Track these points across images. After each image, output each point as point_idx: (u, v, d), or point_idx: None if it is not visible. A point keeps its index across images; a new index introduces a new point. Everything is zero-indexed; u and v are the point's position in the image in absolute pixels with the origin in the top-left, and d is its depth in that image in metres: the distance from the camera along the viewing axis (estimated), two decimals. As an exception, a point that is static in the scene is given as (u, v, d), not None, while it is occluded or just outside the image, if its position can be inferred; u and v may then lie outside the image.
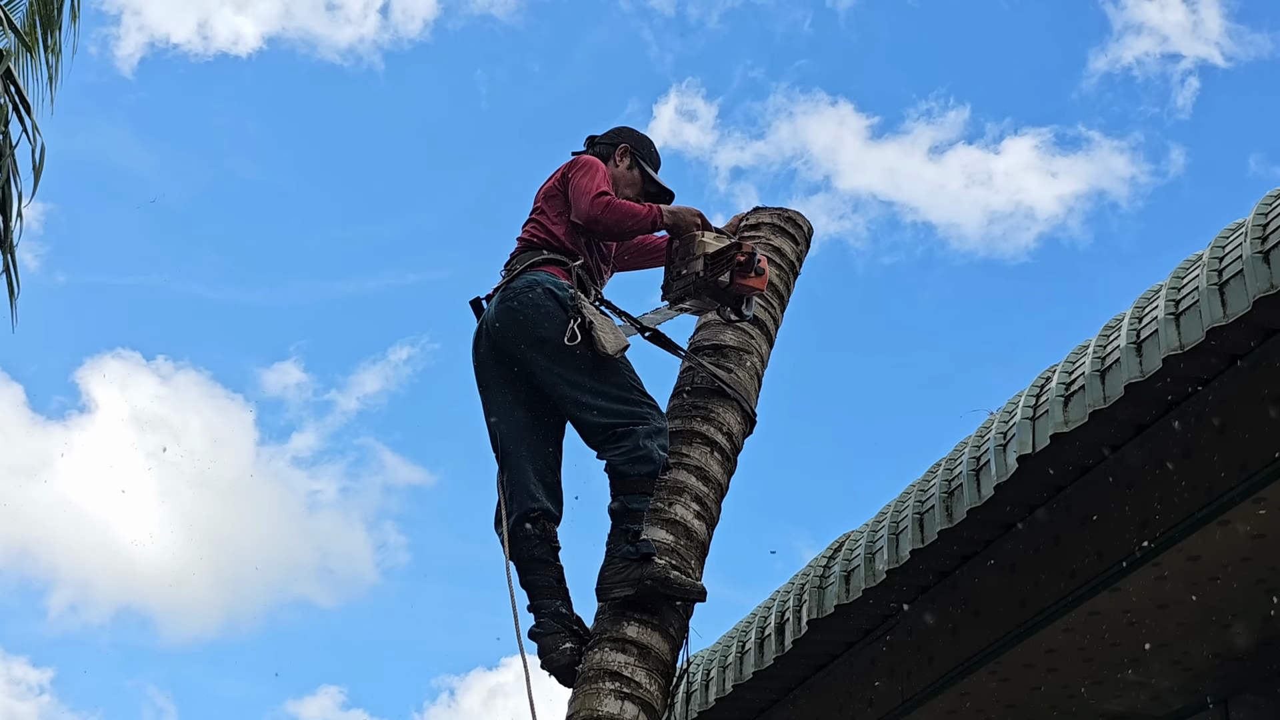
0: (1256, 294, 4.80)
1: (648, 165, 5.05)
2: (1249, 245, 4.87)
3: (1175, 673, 6.98)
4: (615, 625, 4.48)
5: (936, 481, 6.38)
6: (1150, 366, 5.23)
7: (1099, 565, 6.24)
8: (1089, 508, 6.35)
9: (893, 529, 6.59)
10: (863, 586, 6.72)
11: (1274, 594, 6.22)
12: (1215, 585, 6.20)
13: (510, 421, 4.66)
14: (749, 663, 7.65)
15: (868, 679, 7.77)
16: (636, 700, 4.34)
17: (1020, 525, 6.68)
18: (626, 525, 4.48)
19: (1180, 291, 5.20)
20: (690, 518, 4.78)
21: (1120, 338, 5.36)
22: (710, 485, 4.89)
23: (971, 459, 6.15)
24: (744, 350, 5.10)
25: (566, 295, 4.55)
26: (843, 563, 6.95)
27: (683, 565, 4.61)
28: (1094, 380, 5.46)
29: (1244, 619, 6.46)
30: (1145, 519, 6.03)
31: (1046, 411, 5.67)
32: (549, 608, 4.60)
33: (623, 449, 4.48)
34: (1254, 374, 5.57)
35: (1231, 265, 4.97)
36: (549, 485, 4.69)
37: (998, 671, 6.99)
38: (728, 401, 4.94)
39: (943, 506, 6.26)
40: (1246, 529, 5.76)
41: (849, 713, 7.90)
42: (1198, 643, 6.69)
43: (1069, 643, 6.71)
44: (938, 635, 7.23)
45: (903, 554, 6.49)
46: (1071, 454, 6.10)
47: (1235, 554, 5.94)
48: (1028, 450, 5.74)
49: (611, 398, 4.51)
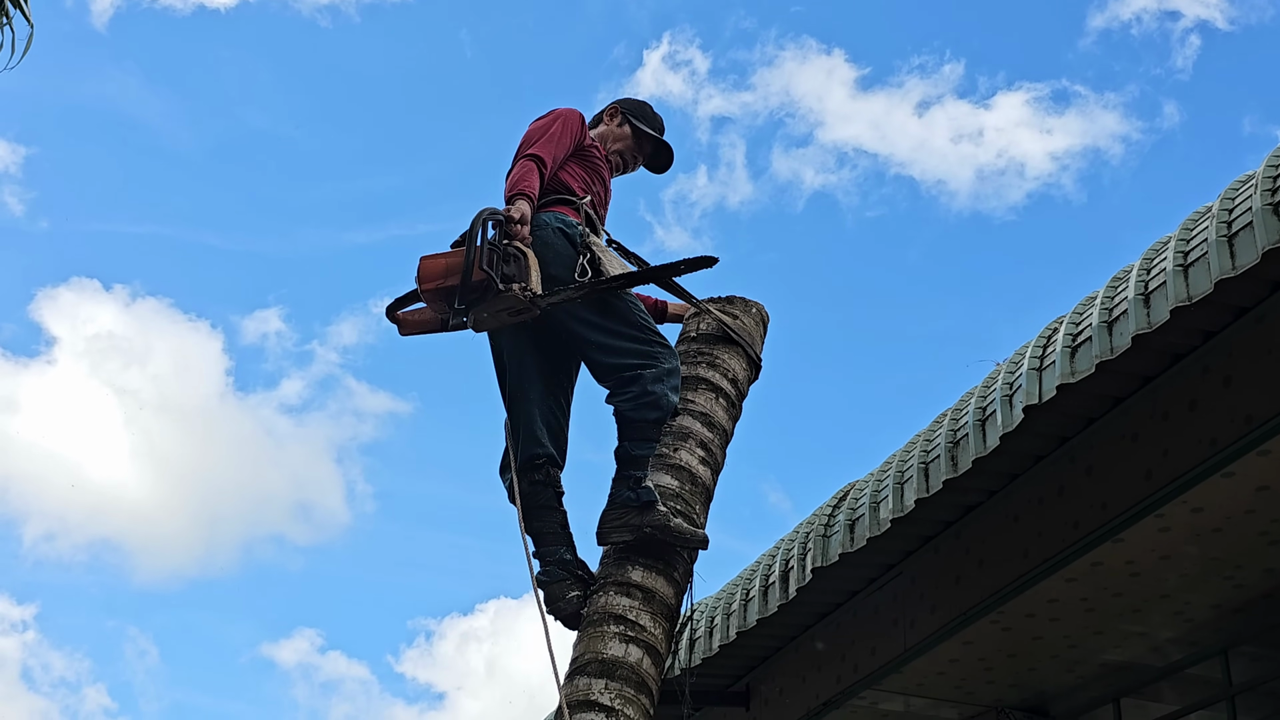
0: (1266, 246, 4.79)
1: (640, 123, 5.08)
2: (1259, 198, 4.85)
3: (1176, 624, 7.02)
4: (620, 569, 4.49)
5: (942, 432, 6.38)
6: (1158, 318, 5.23)
7: (1102, 516, 6.26)
8: (1093, 459, 6.36)
9: (898, 478, 6.60)
10: (867, 535, 6.74)
11: (1276, 545, 6.24)
12: (1218, 537, 6.22)
13: (520, 366, 4.67)
14: (753, 610, 7.70)
15: (871, 627, 7.82)
16: (641, 644, 4.36)
17: (1024, 476, 6.70)
18: (630, 471, 4.47)
19: (1189, 244, 5.18)
20: (695, 463, 4.78)
21: (1128, 289, 5.35)
22: (715, 431, 4.89)
23: (977, 409, 6.15)
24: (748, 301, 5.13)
25: (576, 233, 4.55)
26: (847, 511, 6.98)
27: (687, 510, 4.63)
28: (1101, 331, 5.45)
29: (1246, 570, 6.49)
30: (1149, 470, 6.04)
31: (1053, 362, 5.67)
32: (554, 555, 4.61)
33: (630, 394, 4.47)
34: (1260, 326, 5.57)
35: (1241, 217, 4.95)
36: (555, 430, 4.70)
37: (1000, 620, 7.04)
38: (734, 347, 4.94)
39: (948, 456, 6.27)
40: (1250, 481, 5.77)
41: (851, 660, 7.96)
42: (1199, 594, 6.73)
43: (1071, 593, 6.74)
44: (941, 584, 7.27)
45: (907, 503, 6.51)
46: (1077, 405, 6.11)
47: (1239, 506, 5.96)
48: (1034, 401, 5.74)
49: (621, 336, 4.50)
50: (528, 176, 4.45)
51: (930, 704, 8.09)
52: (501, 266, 4.15)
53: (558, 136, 4.66)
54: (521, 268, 4.19)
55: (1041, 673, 7.59)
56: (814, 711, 8.26)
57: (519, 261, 4.20)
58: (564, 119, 4.73)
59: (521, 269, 4.19)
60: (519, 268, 4.19)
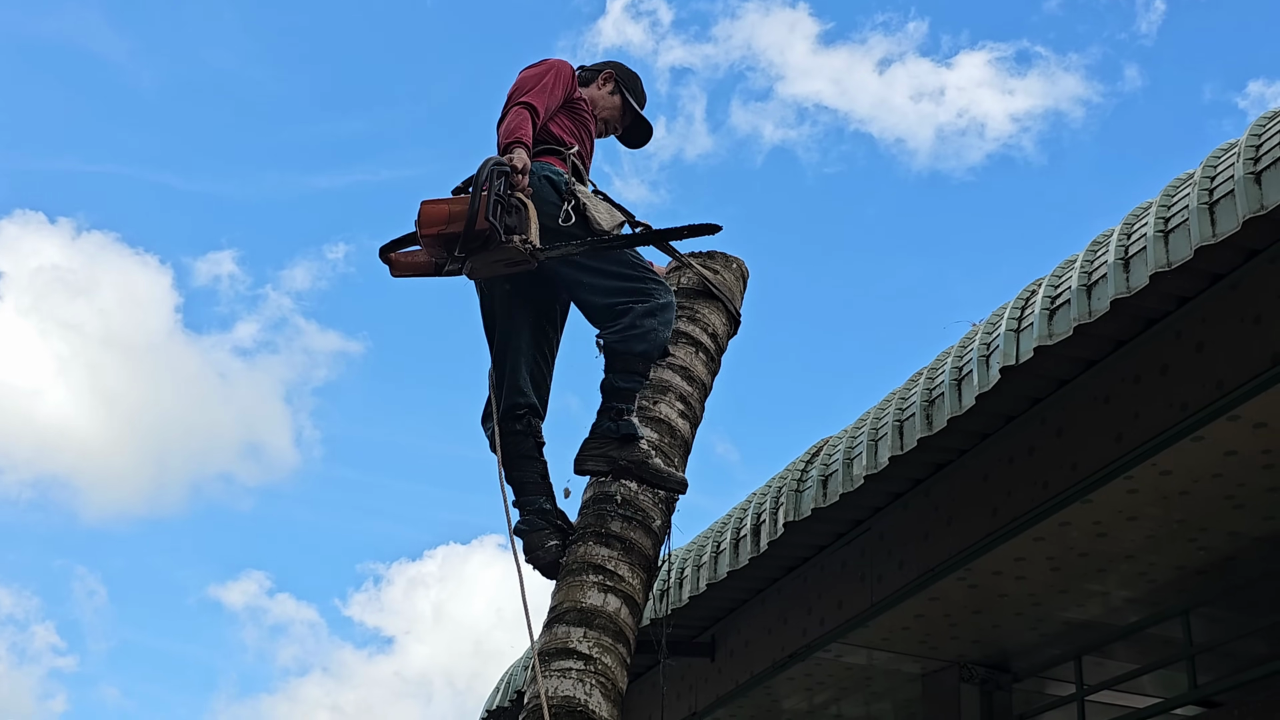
0: (1247, 214, 4.83)
1: (630, 97, 5.07)
2: (1241, 166, 4.89)
3: (1139, 584, 7.12)
4: (600, 520, 4.51)
5: (918, 390, 6.43)
6: (1137, 283, 5.28)
7: (1072, 476, 6.33)
8: (1064, 420, 6.43)
9: (872, 435, 6.65)
10: (840, 491, 6.79)
11: (1241, 509, 6.34)
12: (1184, 499, 6.30)
13: (509, 315, 4.66)
14: (724, 563, 7.76)
15: (837, 582, 7.90)
16: (619, 593, 4.39)
17: (995, 435, 6.76)
18: (613, 403, 4.45)
19: (1170, 210, 5.23)
20: (674, 416, 4.81)
21: (1108, 254, 5.39)
22: (695, 385, 4.92)
23: (954, 369, 6.20)
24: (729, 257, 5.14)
25: (562, 180, 4.53)
26: (820, 467, 7.03)
27: (665, 461, 4.67)
28: (1080, 295, 5.50)
29: (1210, 533, 6.59)
30: (1120, 432, 6.11)
31: (1031, 324, 5.71)
32: (533, 504, 4.63)
33: (618, 327, 4.43)
34: (1234, 293, 5.63)
35: (1222, 185, 5.00)
36: (538, 381, 4.70)
37: (966, 578, 7.12)
38: (714, 302, 4.96)
39: (923, 415, 6.32)
40: (1220, 445, 5.85)
41: (818, 614, 8.04)
42: (1163, 555, 6.83)
43: (1038, 551, 6.83)
44: (909, 541, 7.34)
45: (881, 460, 6.56)
46: (1050, 367, 6.17)
47: (1207, 469, 6.04)
48: (1011, 362, 5.79)
49: (611, 275, 4.47)
50: (523, 125, 4.42)
51: (893, 658, 8.19)
52: (504, 217, 4.14)
53: (550, 87, 4.63)
54: (522, 219, 4.18)
55: (1005, 629, 7.69)
56: (779, 664, 8.35)
57: (520, 213, 4.19)
58: (556, 70, 4.70)
59: (522, 221, 4.18)
60: (520, 219, 4.18)
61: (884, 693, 8.78)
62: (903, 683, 8.50)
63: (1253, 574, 6.85)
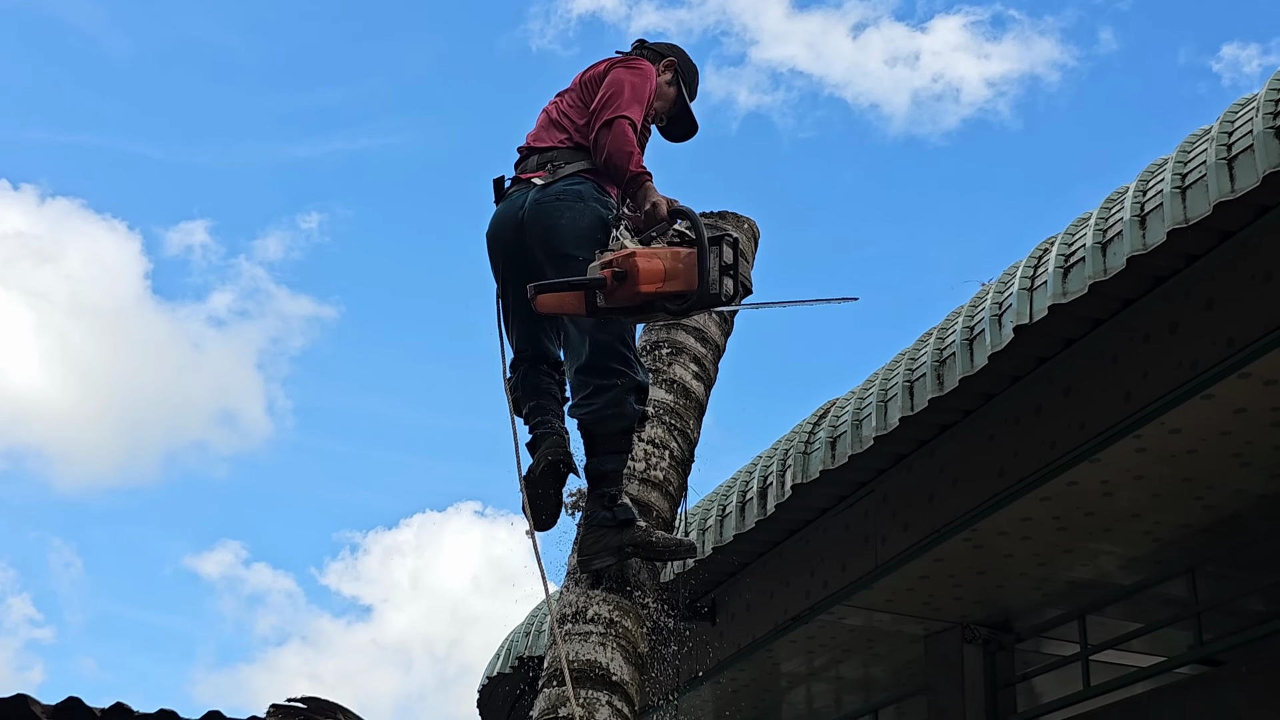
0: (1266, 169, 4.80)
1: (687, 91, 4.82)
2: (1260, 120, 4.86)
3: (1145, 543, 7.13)
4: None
5: (928, 350, 6.40)
6: (1154, 239, 5.24)
7: (1080, 436, 6.32)
8: (1071, 380, 6.41)
9: (881, 396, 6.62)
10: (849, 452, 6.77)
11: (1249, 467, 6.34)
12: (1192, 458, 6.30)
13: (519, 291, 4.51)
14: (729, 526, 7.73)
15: (841, 544, 7.89)
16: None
17: (1001, 395, 6.74)
18: (603, 489, 4.25)
19: (1187, 166, 5.19)
20: (689, 378, 4.79)
21: (1124, 210, 5.36)
22: (708, 346, 4.90)
23: (965, 328, 6.17)
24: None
25: (611, 219, 4.31)
26: (829, 429, 6.99)
27: (682, 425, 4.64)
28: (1095, 252, 5.46)
29: (1216, 491, 6.59)
30: (1129, 392, 6.09)
31: (1045, 282, 5.68)
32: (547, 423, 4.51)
33: (593, 407, 4.22)
34: (1244, 250, 5.60)
35: (1241, 140, 4.96)
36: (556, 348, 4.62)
37: (972, 539, 7.11)
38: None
39: (934, 375, 6.29)
40: (1230, 403, 5.84)
41: (821, 576, 8.03)
42: (1169, 514, 6.83)
43: (1044, 511, 6.82)
44: (914, 502, 7.33)
45: (891, 420, 6.53)
46: (1057, 326, 6.14)
47: (1215, 428, 6.03)
48: (1025, 321, 5.76)
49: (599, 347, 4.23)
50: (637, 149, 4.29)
51: (894, 619, 8.18)
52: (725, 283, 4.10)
53: (645, 100, 4.44)
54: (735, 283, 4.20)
55: (1009, 589, 7.70)
56: (781, 626, 8.34)
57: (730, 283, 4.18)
58: (652, 83, 4.49)
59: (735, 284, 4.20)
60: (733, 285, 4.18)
61: (885, 655, 8.79)
62: (904, 644, 8.51)
63: (1259, 532, 6.86)
